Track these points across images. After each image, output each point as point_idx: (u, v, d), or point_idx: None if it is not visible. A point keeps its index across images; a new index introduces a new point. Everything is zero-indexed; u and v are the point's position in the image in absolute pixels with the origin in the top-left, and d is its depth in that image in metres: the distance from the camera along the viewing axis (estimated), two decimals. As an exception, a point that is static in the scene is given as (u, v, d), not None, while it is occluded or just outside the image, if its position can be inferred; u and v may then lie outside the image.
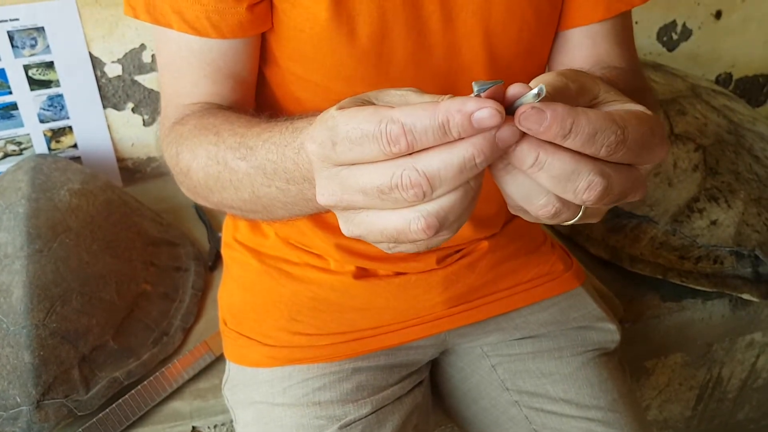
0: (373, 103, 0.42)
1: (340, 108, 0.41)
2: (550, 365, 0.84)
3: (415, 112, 0.37)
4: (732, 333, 1.21)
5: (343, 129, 0.39)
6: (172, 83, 0.69)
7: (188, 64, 0.67)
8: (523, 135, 0.38)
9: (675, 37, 1.66)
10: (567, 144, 0.38)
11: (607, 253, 1.17)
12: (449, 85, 0.71)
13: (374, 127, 0.38)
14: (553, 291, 0.87)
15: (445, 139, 0.37)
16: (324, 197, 0.42)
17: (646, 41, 1.63)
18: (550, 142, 0.38)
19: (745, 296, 1.11)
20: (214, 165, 0.58)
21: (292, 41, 0.68)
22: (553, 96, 0.39)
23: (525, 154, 0.38)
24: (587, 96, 0.43)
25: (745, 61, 1.77)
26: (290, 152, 0.49)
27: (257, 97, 0.74)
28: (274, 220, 0.60)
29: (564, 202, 0.40)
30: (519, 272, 0.86)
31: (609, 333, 0.88)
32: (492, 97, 0.38)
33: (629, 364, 1.15)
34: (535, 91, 0.38)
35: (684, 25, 1.65)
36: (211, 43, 0.66)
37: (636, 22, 1.58)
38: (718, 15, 1.66)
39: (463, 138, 0.37)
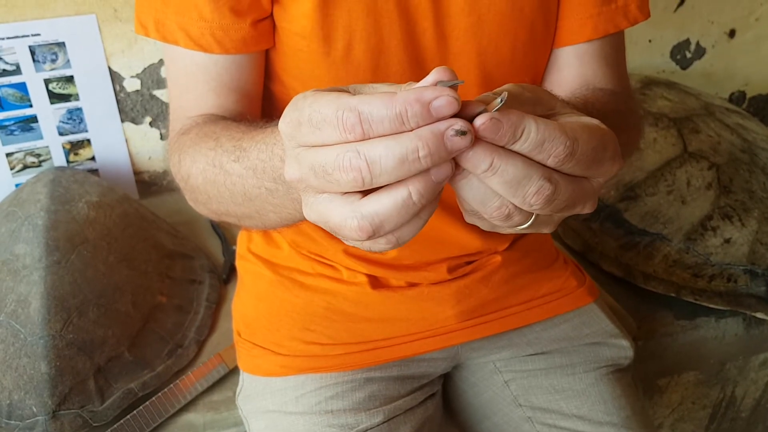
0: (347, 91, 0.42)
1: (314, 91, 0.41)
2: (563, 381, 0.84)
3: (373, 101, 0.37)
4: (745, 352, 1.20)
5: (307, 111, 0.39)
6: (179, 97, 0.72)
7: (194, 78, 0.69)
8: (475, 140, 0.38)
9: (689, 55, 1.66)
10: (515, 148, 0.38)
11: (620, 271, 1.17)
12: None
13: (333, 113, 0.38)
14: (566, 307, 0.87)
15: (402, 129, 0.37)
16: (288, 174, 0.42)
17: (659, 59, 1.64)
18: (503, 148, 0.38)
19: (759, 315, 1.10)
20: (211, 169, 0.59)
21: (291, 59, 0.70)
22: (508, 101, 0.40)
23: (480, 158, 0.38)
24: (542, 107, 0.44)
25: (759, 79, 1.77)
26: (278, 150, 0.51)
27: (264, 112, 0.76)
28: (267, 226, 0.61)
29: (516, 206, 0.41)
30: (532, 287, 0.86)
31: (622, 349, 0.88)
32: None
33: (642, 382, 1.14)
34: (498, 99, 0.38)
35: (698, 43, 1.65)
36: (215, 59, 0.68)
37: (650, 41, 1.60)
38: (732, 34, 1.67)
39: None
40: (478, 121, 0.37)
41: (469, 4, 0.68)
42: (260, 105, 0.75)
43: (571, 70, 0.77)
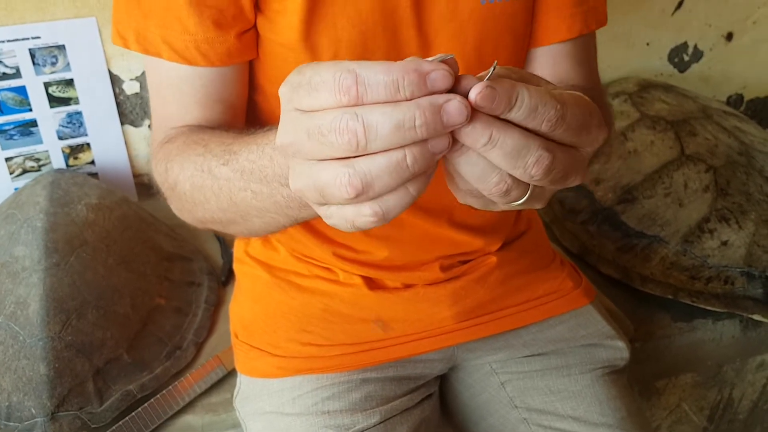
0: None
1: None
2: (559, 383, 0.84)
3: (373, 65, 0.38)
4: (743, 354, 1.20)
5: (307, 74, 0.40)
6: (162, 107, 0.71)
7: (178, 90, 0.69)
8: (473, 116, 0.39)
9: (686, 58, 1.67)
10: (511, 116, 0.39)
11: (617, 273, 1.17)
12: None
13: (330, 74, 0.38)
14: (563, 308, 0.88)
15: (397, 96, 0.37)
16: (280, 137, 0.42)
17: (657, 62, 1.65)
18: (500, 121, 0.39)
19: (756, 317, 1.11)
20: (199, 174, 0.60)
21: (276, 69, 0.70)
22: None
23: (479, 132, 0.38)
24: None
25: (757, 82, 1.78)
26: (269, 149, 0.51)
27: (248, 123, 0.76)
28: (252, 232, 0.61)
29: (514, 180, 0.41)
30: (528, 288, 0.87)
31: (618, 351, 0.88)
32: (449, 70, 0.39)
33: (639, 384, 1.15)
34: (490, 70, 0.39)
35: (695, 46, 1.66)
36: (200, 71, 0.68)
37: (647, 44, 1.60)
38: (730, 37, 1.67)
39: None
40: (474, 91, 0.38)
41: (451, 11, 0.69)
42: (245, 116, 0.75)
43: (545, 69, 0.79)
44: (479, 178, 0.41)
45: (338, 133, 0.38)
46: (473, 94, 0.38)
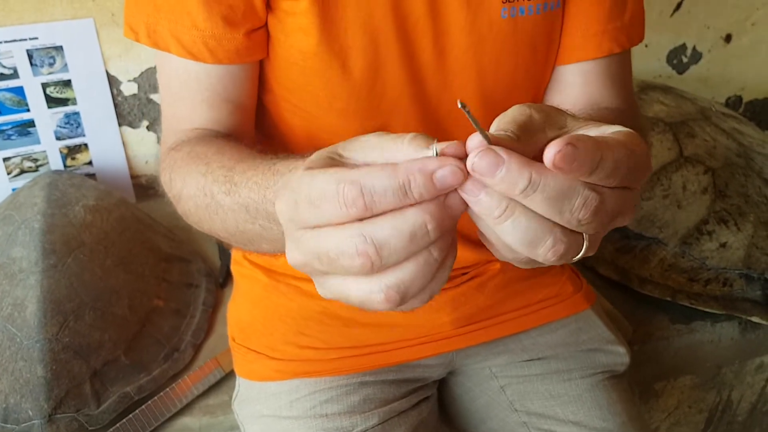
0: (340, 158, 0.40)
1: (308, 168, 0.39)
2: (559, 387, 0.84)
3: (375, 172, 0.36)
4: (741, 356, 1.20)
5: (304, 190, 0.38)
6: (171, 107, 0.70)
7: (187, 88, 0.68)
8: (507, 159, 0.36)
9: (685, 60, 1.67)
10: (590, 179, 0.36)
11: (616, 274, 1.17)
12: (441, 118, 0.72)
13: (332, 188, 0.36)
14: (563, 313, 0.87)
15: (405, 201, 0.36)
16: (291, 258, 0.40)
17: (656, 64, 1.65)
18: (536, 162, 0.36)
19: (755, 319, 1.11)
20: (202, 197, 0.58)
21: (285, 71, 0.69)
22: (517, 132, 0.38)
23: (515, 176, 0.36)
24: (553, 126, 0.42)
25: (755, 84, 1.78)
26: (270, 195, 0.49)
27: (257, 123, 0.75)
28: (261, 253, 0.60)
29: (568, 235, 0.38)
30: (528, 293, 0.86)
31: (618, 356, 0.88)
32: (454, 154, 0.37)
33: (638, 386, 1.15)
34: (470, 118, 0.36)
35: (694, 48, 1.66)
36: (208, 68, 0.66)
37: (646, 45, 1.60)
38: (728, 38, 1.67)
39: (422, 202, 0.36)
40: (551, 151, 0.35)
41: (470, 23, 0.68)
42: (254, 117, 0.74)
43: (575, 89, 0.75)
44: (530, 244, 0.38)
45: (349, 258, 0.36)
46: (552, 152, 0.35)
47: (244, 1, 0.64)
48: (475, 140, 0.37)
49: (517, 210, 0.37)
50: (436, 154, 0.37)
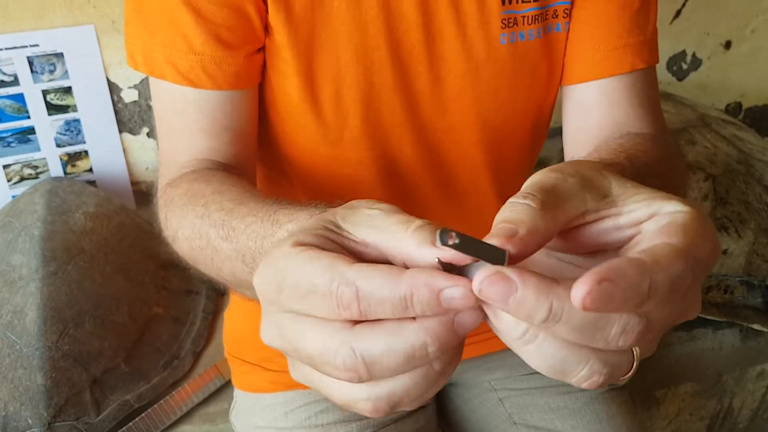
0: (337, 231, 0.36)
1: (298, 243, 0.34)
2: (558, 400, 0.83)
3: (375, 277, 0.31)
4: (743, 363, 1.20)
5: (291, 278, 0.33)
6: (168, 137, 0.67)
7: (184, 116, 0.64)
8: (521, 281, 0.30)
9: (685, 66, 1.67)
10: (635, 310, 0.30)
11: (616, 282, 1.17)
12: (435, 144, 0.71)
13: (326, 284, 0.32)
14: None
15: (405, 314, 0.31)
16: (266, 339, 0.36)
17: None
18: (563, 285, 0.30)
19: (756, 326, 1.10)
20: (198, 240, 0.55)
21: (278, 95, 0.67)
22: (541, 196, 0.33)
23: (532, 305, 0.30)
24: (595, 192, 0.36)
25: (755, 90, 1.78)
26: (268, 245, 0.46)
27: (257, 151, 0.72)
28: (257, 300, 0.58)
29: (610, 358, 0.32)
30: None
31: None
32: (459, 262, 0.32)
33: (639, 394, 1.14)
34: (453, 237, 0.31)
35: (694, 55, 1.66)
36: (207, 95, 0.63)
37: (646, 52, 1.60)
38: (728, 45, 1.67)
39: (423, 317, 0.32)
40: (582, 288, 0.28)
41: (467, 49, 0.66)
42: (255, 145, 0.70)
43: (599, 111, 0.69)
44: (560, 373, 0.33)
45: (335, 369, 0.32)
46: (579, 294, 0.28)
47: (242, 20, 0.61)
48: (483, 272, 0.31)
49: (542, 334, 0.32)
50: (440, 241, 0.32)
